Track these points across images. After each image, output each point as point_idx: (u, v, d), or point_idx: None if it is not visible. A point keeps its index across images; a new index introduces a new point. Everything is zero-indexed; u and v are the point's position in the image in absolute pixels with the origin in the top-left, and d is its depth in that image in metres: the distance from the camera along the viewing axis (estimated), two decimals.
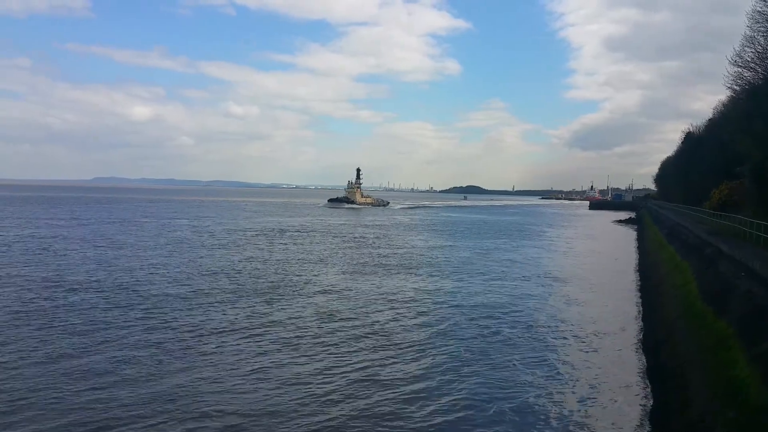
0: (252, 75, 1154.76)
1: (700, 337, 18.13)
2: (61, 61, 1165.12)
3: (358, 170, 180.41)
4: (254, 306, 28.45)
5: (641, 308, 30.66)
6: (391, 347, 22.13)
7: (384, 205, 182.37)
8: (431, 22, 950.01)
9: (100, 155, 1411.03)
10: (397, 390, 17.64)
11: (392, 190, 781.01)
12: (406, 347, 22.25)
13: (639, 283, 39.53)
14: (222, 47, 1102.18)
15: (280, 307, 28.38)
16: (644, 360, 21.18)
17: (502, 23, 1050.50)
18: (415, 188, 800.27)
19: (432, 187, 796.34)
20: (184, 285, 33.21)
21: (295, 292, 32.45)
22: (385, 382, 18.26)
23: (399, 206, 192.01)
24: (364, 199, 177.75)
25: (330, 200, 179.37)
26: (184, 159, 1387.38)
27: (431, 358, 21.08)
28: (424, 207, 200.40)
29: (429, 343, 23.01)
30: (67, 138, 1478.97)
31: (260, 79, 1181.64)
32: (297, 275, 38.40)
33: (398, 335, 23.98)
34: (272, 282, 35.43)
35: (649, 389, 18.02)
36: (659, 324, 24.17)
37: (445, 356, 21.27)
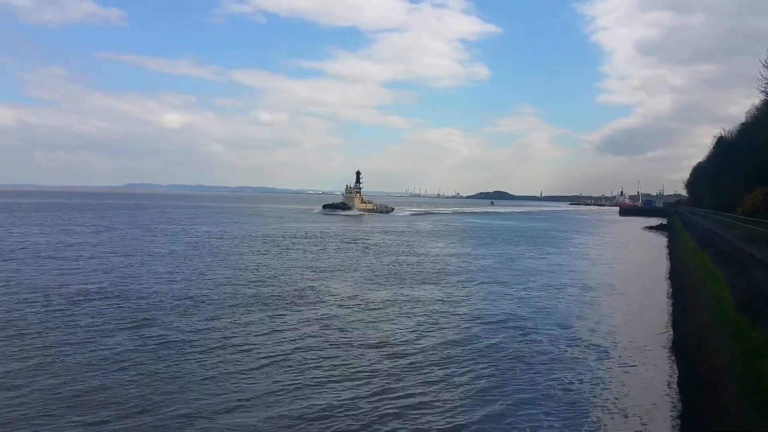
0: (281, 82, 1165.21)
1: (734, 345, 17.72)
2: (96, 69, 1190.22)
3: (358, 173, 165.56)
4: (246, 320, 26.72)
5: (672, 316, 30.09)
6: (407, 359, 21.34)
7: (387, 212, 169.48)
8: (461, 28, 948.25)
9: (132, 162, 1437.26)
10: (417, 399, 17.35)
11: (418, 195, 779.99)
12: (424, 358, 21.70)
13: (670, 291, 38.83)
14: (252, 55, 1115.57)
15: (280, 322, 26.74)
16: (676, 368, 20.78)
17: (533, 28, 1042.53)
18: (442, 194, 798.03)
19: (458, 193, 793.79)
20: (179, 294, 31.90)
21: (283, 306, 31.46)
22: (401, 393, 17.73)
23: (405, 213, 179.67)
24: (364, 205, 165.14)
25: (325, 206, 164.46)
26: (213, 165, 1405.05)
27: (452, 369, 20.68)
28: (435, 214, 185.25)
29: (449, 354, 22.56)
30: (100, 145, 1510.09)
31: (289, 86, 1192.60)
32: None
33: (416, 347, 23.13)
34: (268, 295, 33.71)
35: (680, 398, 17.67)
36: (691, 332, 23.68)
37: (467, 367, 20.89)
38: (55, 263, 42.81)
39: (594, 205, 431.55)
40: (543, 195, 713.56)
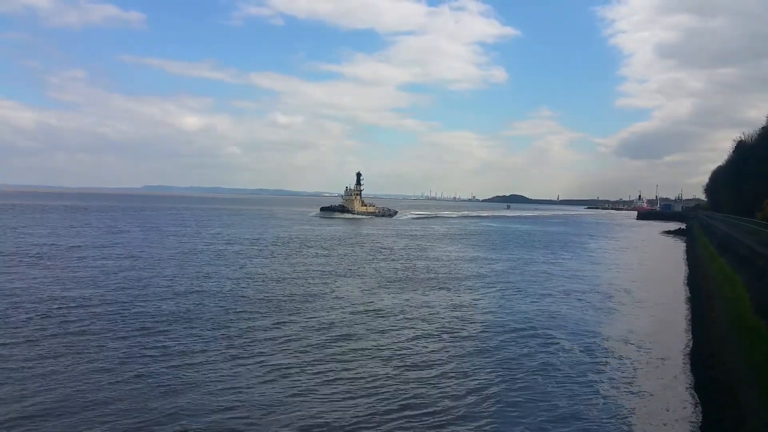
0: (299, 85, 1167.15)
1: (753, 351, 17.56)
2: (116, 72, 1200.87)
3: (359, 175, 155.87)
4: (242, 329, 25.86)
5: (690, 321, 29.84)
6: (420, 368, 20.89)
7: (390, 216, 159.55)
8: (479, 30, 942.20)
9: (151, 164, 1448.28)
10: (430, 409, 17.13)
11: (434, 199, 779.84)
12: (438, 366, 21.49)
13: (688, 296, 38.51)
14: (270, 58, 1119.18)
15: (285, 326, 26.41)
16: (694, 374, 20.62)
17: (552, 30, 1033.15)
18: (458, 197, 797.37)
19: (475, 196, 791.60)
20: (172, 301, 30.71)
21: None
22: (414, 405, 17.27)
23: (408, 216, 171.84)
24: (365, 207, 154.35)
25: (323, 209, 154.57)
26: (231, 168, 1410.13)
27: (466, 376, 20.57)
28: (441, 218, 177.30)
29: (463, 362, 22.52)
30: (120, 147, 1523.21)
31: (307, 89, 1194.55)
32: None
33: (431, 357, 22.57)
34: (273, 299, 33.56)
35: (698, 404, 17.55)
36: (709, 337, 23.49)
37: (483, 373, 20.80)
38: (59, 266, 43.06)
39: (612, 209, 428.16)
40: (560, 199, 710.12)
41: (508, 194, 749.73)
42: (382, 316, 29.28)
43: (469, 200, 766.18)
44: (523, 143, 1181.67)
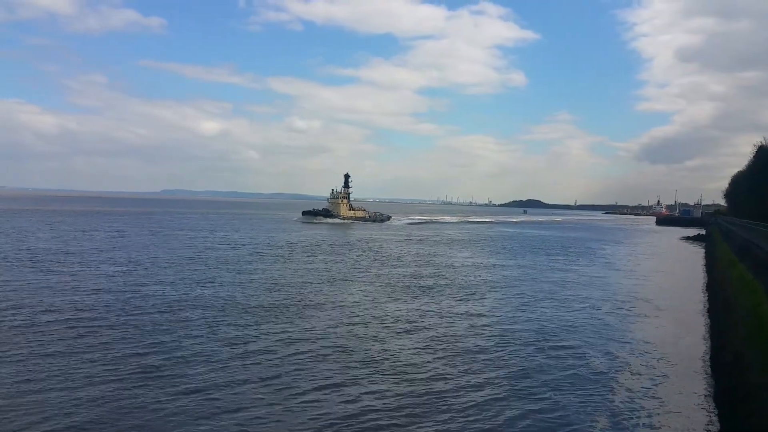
0: (316, 90, 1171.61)
1: None
2: (136, 77, 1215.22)
3: (347, 176, 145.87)
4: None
5: (709, 329, 29.45)
6: (427, 380, 19.93)
7: (382, 221, 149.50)
8: (498, 34, 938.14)
9: (169, 168, 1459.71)
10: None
11: (450, 203, 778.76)
12: (447, 379, 20.68)
13: (707, 303, 38.03)
14: (288, 63, 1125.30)
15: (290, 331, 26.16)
16: (713, 382, 20.35)
17: (572, 34, 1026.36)
18: (474, 201, 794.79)
19: (491, 201, 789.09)
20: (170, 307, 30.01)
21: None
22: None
23: (404, 221, 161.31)
24: (353, 212, 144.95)
25: (305, 213, 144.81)
26: (248, 172, 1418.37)
27: (476, 389, 20.12)
28: (438, 223, 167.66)
29: (473, 374, 22.09)
30: (139, 152, 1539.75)
31: (324, 94, 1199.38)
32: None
33: (435, 366, 21.94)
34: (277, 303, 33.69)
35: (717, 413, 17.31)
36: (728, 345, 23.14)
37: (494, 385, 20.32)
38: (67, 269, 43.63)
39: (630, 214, 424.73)
40: (577, 204, 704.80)
41: (524, 199, 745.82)
42: (386, 326, 28.29)
43: (485, 205, 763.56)
44: (541, 147, 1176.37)
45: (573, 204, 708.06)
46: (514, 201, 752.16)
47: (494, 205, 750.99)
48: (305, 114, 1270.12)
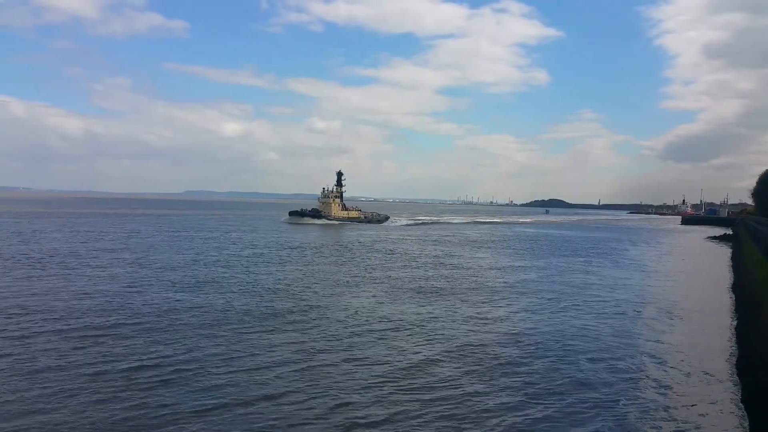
0: (336, 90, 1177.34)
1: None
2: (160, 80, 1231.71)
3: (339, 174, 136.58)
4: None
5: (736, 330, 28.90)
6: (438, 388, 19.10)
7: (378, 221, 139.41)
8: (521, 32, 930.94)
9: (192, 170, 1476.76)
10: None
11: (471, 203, 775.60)
12: (462, 386, 20.18)
13: (734, 304, 37.35)
14: (308, 63, 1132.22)
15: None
16: (740, 385, 19.95)
17: (596, 31, 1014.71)
18: (495, 201, 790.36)
19: (512, 201, 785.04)
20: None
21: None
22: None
23: (402, 223, 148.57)
24: (345, 213, 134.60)
25: (291, 213, 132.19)
26: (268, 173, 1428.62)
27: (490, 395, 19.74)
28: (442, 224, 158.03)
29: (487, 378, 21.86)
30: (163, 154, 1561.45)
31: (344, 94, 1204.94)
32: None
33: (449, 371, 21.43)
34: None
35: (745, 416, 17.01)
36: (756, 347, 22.67)
37: (512, 391, 20.07)
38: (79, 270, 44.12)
39: (655, 214, 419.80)
40: (601, 203, 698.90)
41: (546, 198, 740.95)
42: (396, 330, 27.20)
43: (507, 204, 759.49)
44: (563, 146, 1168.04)
45: (597, 203, 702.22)
46: (536, 201, 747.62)
47: (516, 205, 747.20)
48: (325, 115, 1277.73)
